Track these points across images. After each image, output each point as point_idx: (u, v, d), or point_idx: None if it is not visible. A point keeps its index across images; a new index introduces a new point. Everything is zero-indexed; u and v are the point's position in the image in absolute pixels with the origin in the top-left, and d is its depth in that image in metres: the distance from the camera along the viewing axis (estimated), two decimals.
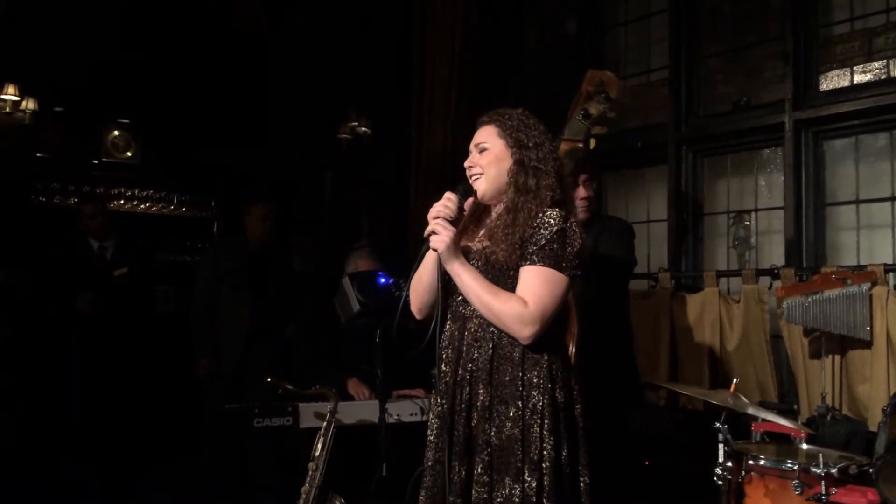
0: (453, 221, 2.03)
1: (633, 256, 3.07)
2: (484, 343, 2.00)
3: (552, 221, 1.97)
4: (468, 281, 1.98)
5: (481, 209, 2.15)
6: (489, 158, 2.07)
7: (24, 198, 4.99)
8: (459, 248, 2.02)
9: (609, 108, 2.60)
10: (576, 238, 2.00)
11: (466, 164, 2.12)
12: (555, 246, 1.96)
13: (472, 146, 2.13)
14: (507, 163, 2.06)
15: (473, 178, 2.09)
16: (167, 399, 4.46)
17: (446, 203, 2.03)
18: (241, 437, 3.80)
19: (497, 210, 2.10)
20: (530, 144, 2.06)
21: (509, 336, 1.98)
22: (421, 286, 2.14)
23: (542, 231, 1.96)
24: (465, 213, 2.10)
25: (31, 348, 4.44)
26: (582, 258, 2.01)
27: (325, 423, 2.94)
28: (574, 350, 2.38)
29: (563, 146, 2.62)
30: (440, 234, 1.98)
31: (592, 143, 2.64)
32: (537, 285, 1.95)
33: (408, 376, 3.29)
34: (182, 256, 5.47)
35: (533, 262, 1.96)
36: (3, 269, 4.60)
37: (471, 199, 2.09)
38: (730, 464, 2.51)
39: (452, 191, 2.07)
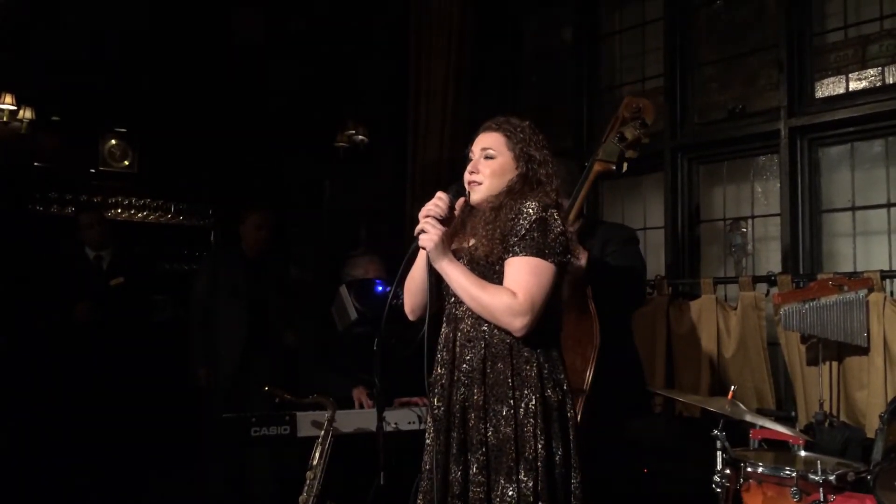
0: (444, 221, 2.04)
1: (643, 265, 3.01)
2: (476, 343, 2.00)
3: (530, 211, 1.97)
4: (457, 277, 1.98)
5: (472, 209, 2.14)
6: (494, 168, 2.07)
7: (22, 207, 4.99)
8: (448, 247, 2.02)
9: (644, 134, 2.68)
10: (556, 224, 1.99)
11: (469, 168, 2.10)
12: (535, 234, 1.95)
13: (477, 149, 2.10)
14: (511, 175, 2.06)
15: (472, 184, 2.08)
16: (165, 408, 4.45)
17: (437, 202, 2.04)
18: (238, 446, 3.81)
19: (482, 208, 2.09)
20: (540, 159, 2.07)
21: (501, 334, 1.98)
22: (414, 286, 2.15)
23: (521, 221, 1.97)
24: (457, 213, 2.10)
25: (28, 358, 4.43)
26: (566, 244, 2.01)
27: (322, 432, 2.94)
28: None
29: (597, 167, 2.68)
30: (429, 232, 1.98)
31: (625, 166, 2.73)
32: (523, 276, 1.94)
33: (407, 382, 3.29)
34: (180, 265, 5.47)
35: (516, 254, 1.96)
36: (0, 278, 4.60)
37: (462, 200, 2.09)
38: (728, 471, 2.51)
39: (445, 191, 2.08)
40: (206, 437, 4.11)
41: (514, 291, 1.94)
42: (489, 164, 2.07)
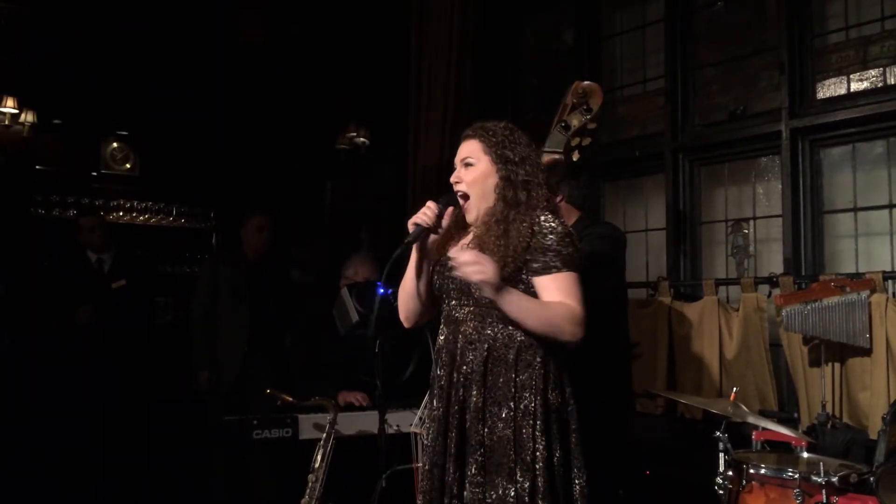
0: (432, 230, 2.07)
1: (604, 253, 2.85)
2: (479, 346, 2.02)
3: (555, 225, 2.03)
4: (520, 303, 1.97)
5: (464, 218, 2.17)
6: (474, 175, 2.10)
7: (23, 210, 5.00)
8: (498, 277, 1.96)
9: (590, 120, 2.56)
10: (576, 239, 2.08)
11: (452, 179, 2.14)
12: (570, 250, 2.02)
13: (457, 160, 2.15)
14: (493, 179, 2.09)
15: (460, 196, 2.12)
16: (167, 411, 4.45)
17: (425, 211, 2.08)
18: (240, 449, 3.81)
19: (484, 221, 2.11)
20: (517, 159, 2.09)
21: (504, 338, 2.01)
22: (405, 293, 2.18)
23: (550, 237, 2.01)
24: (446, 221, 2.12)
25: (29, 361, 4.44)
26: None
27: (324, 435, 2.94)
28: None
29: (544, 158, 2.56)
30: (485, 270, 1.90)
31: (576, 155, 2.60)
32: (572, 288, 2.01)
33: (406, 386, 3.29)
34: (181, 268, 5.48)
35: (559, 269, 2.01)
36: (2, 281, 4.61)
37: (451, 209, 2.12)
38: (730, 473, 2.51)
39: (435, 201, 2.10)
40: (208, 439, 4.11)
41: (569, 303, 1.99)
42: (470, 171, 2.11)
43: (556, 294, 1.99)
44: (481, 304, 2.04)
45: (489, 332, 2.02)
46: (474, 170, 2.10)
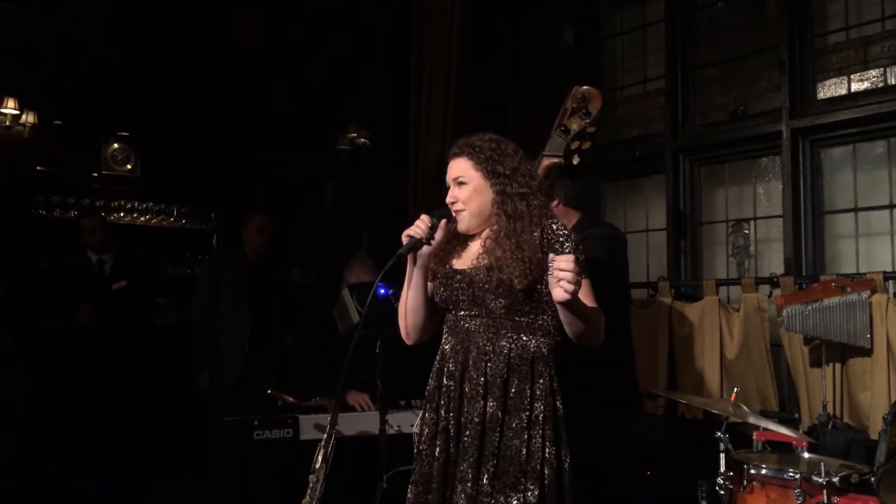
0: (426, 242, 2.07)
1: (607, 258, 2.87)
2: (495, 357, 2.02)
3: (567, 232, 2.07)
4: (583, 309, 1.97)
5: (460, 234, 2.17)
6: (468, 192, 2.10)
7: (24, 211, 5.00)
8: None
9: (589, 124, 2.57)
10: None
11: (448, 199, 2.14)
12: (583, 255, 2.06)
13: (450, 180, 2.15)
14: (488, 194, 2.10)
15: (457, 213, 2.13)
16: (167, 411, 4.45)
17: (418, 224, 2.08)
18: (241, 449, 3.82)
19: (486, 234, 2.11)
20: (507, 172, 2.09)
21: (518, 349, 2.02)
22: (404, 309, 2.17)
23: (567, 245, 2.04)
24: (439, 234, 2.12)
25: (30, 361, 4.44)
26: None
27: (325, 435, 2.94)
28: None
29: (544, 162, 2.60)
30: (573, 284, 1.85)
31: (576, 159, 2.60)
32: (592, 294, 2.05)
33: (405, 386, 3.29)
34: (182, 269, 5.48)
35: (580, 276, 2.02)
36: (2, 282, 4.61)
37: (444, 221, 2.12)
38: (731, 473, 2.52)
39: (428, 213, 2.11)
40: (209, 440, 4.11)
41: (596, 307, 2.03)
42: (464, 189, 2.11)
43: (586, 300, 2.00)
44: (494, 315, 2.03)
45: (504, 343, 2.02)
46: (468, 188, 2.10)
